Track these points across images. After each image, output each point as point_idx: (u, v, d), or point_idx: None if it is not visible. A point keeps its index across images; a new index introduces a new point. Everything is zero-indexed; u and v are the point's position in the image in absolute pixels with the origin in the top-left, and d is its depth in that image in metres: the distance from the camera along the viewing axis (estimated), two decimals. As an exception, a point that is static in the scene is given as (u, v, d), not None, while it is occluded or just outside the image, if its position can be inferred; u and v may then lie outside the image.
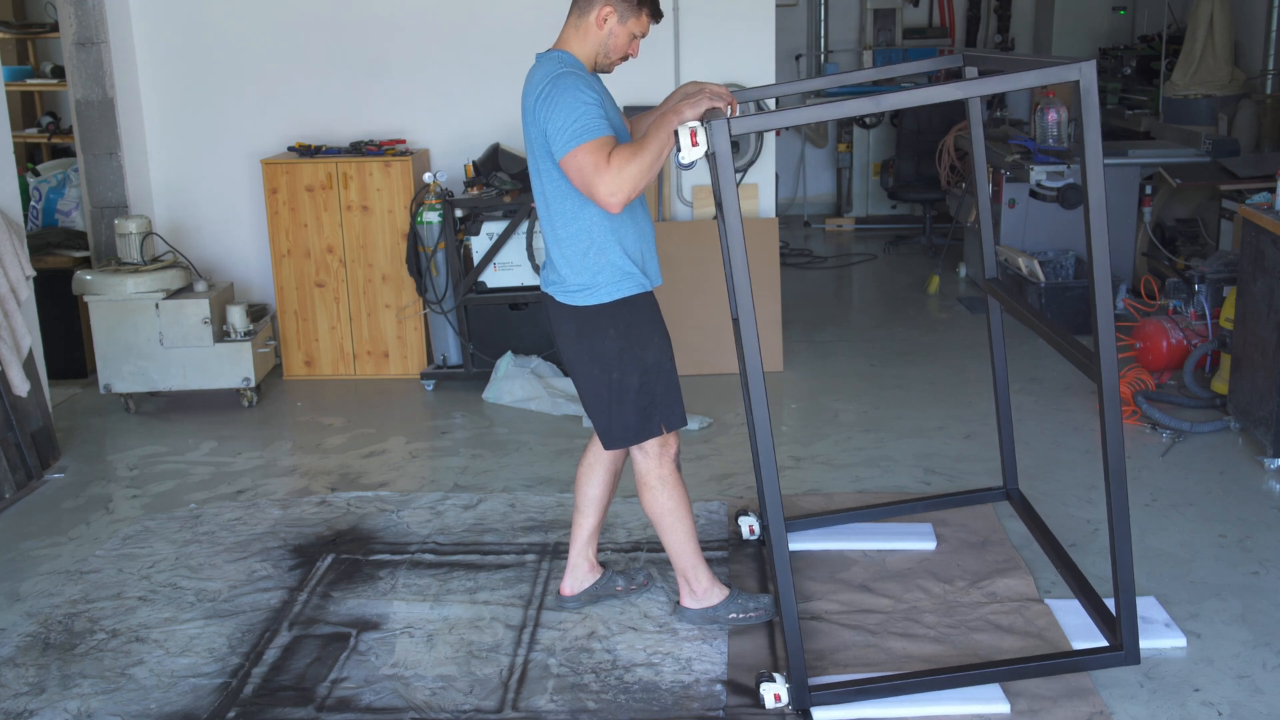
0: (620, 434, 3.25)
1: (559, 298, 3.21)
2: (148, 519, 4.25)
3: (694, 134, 2.76)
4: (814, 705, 2.91)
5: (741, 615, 3.38)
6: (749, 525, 3.90)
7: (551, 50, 3.21)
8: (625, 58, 3.24)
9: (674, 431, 3.30)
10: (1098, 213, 2.67)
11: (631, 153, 2.92)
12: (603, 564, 3.58)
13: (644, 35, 3.23)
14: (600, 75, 3.23)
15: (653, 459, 3.27)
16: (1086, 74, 2.56)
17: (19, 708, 3.04)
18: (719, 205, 2.92)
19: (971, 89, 2.76)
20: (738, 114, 3.03)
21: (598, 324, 3.17)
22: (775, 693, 2.93)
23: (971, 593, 3.51)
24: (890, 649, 3.21)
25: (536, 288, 5.57)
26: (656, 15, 3.23)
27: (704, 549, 3.83)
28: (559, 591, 3.53)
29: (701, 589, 3.38)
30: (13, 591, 3.71)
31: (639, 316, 3.19)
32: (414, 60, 6.06)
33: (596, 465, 3.44)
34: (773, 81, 6.09)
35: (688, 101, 2.95)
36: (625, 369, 3.18)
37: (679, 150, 2.77)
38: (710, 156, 2.81)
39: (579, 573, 3.50)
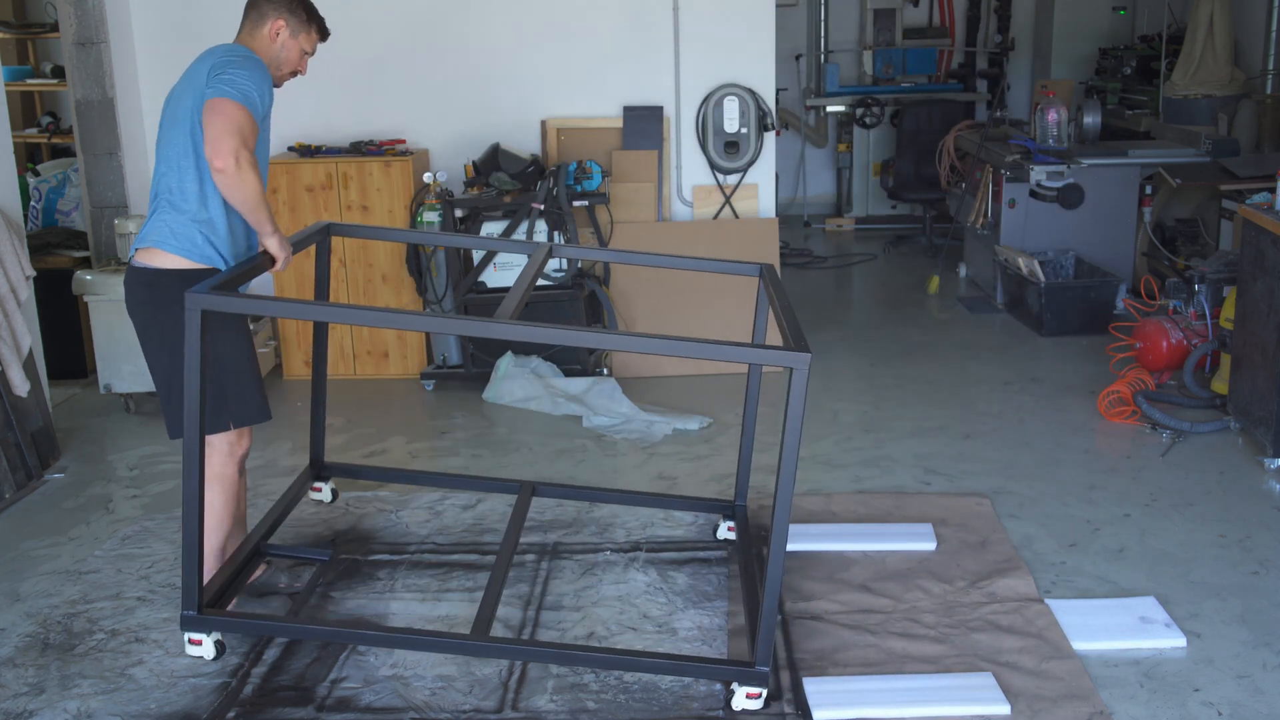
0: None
1: (142, 245, 3.20)
2: (147, 519, 4.25)
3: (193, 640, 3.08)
4: (773, 683, 2.93)
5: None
6: (727, 525, 3.91)
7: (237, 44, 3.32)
8: (294, 74, 3.38)
9: (248, 430, 3.33)
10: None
11: (258, 185, 3.09)
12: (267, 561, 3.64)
13: (312, 53, 3.39)
14: None
15: (218, 453, 3.28)
16: None
17: (19, 708, 3.04)
18: None
19: None
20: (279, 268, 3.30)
21: (172, 298, 3.10)
22: (747, 692, 2.93)
23: (971, 593, 3.51)
24: (890, 649, 3.20)
25: (537, 288, 5.58)
26: (324, 34, 3.40)
27: (703, 549, 3.85)
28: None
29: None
30: (12, 591, 3.71)
31: None
32: (414, 60, 6.06)
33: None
34: (772, 81, 6.09)
35: (283, 240, 3.24)
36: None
37: None
38: None
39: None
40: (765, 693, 2.93)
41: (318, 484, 3.98)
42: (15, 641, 3.38)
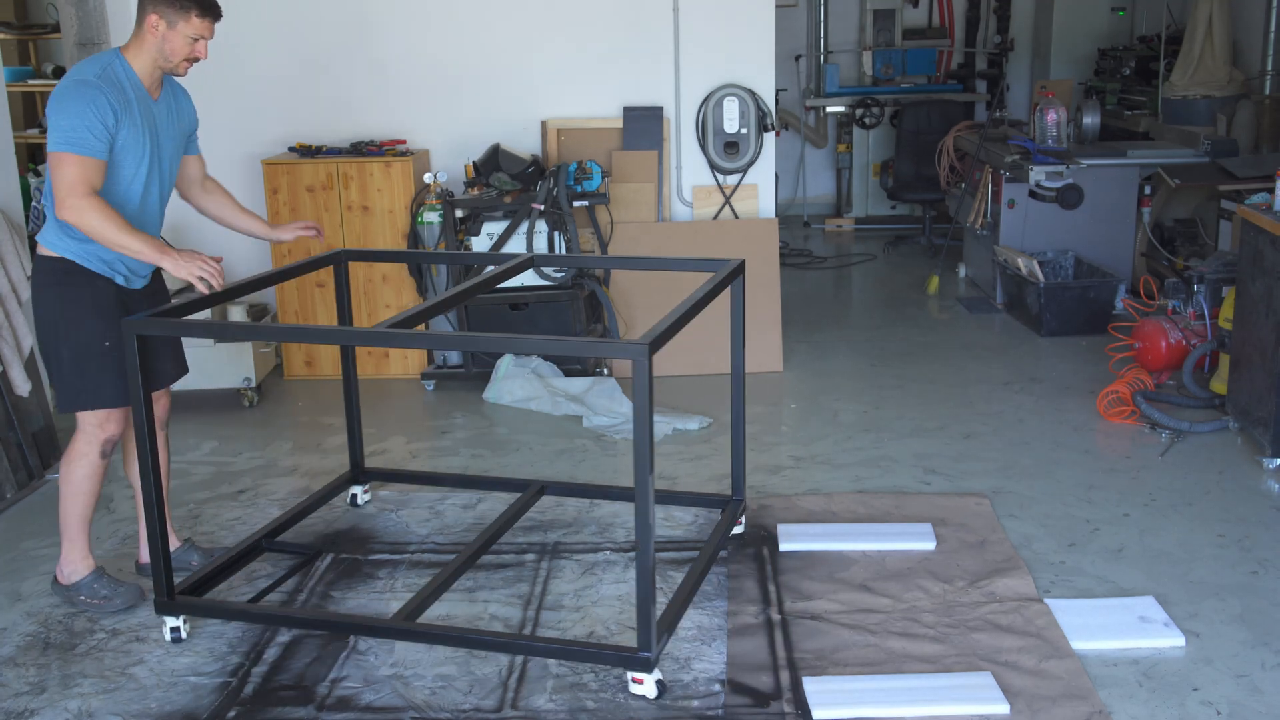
0: (62, 400, 3.42)
1: (40, 240, 3.38)
2: (148, 519, 4.25)
3: None
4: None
5: (88, 598, 3.54)
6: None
7: (108, 51, 3.36)
8: (194, 59, 3.38)
9: (115, 419, 3.44)
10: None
11: (111, 220, 3.15)
12: (186, 539, 3.87)
13: (207, 36, 3.38)
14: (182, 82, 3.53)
15: (84, 434, 3.43)
16: None
17: (19, 707, 3.05)
18: None
19: None
20: (219, 288, 3.33)
21: (46, 282, 3.36)
22: (632, 677, 2.98)
23: (971, 592, 3.52)
24: (890, 649, 3.21)
25: (537, 288, 5.59)
26: (209, 13, 3.36)
27: (703, 549, 3.85)
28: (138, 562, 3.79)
29: (69, 565, 3.55)
30: (14, 591, 3.72)
31: (85, 294, 3.35)
32: (414, 60, 6.07)
33: (129, 447, 3.60)
34: (772, 81, 6.10)
35: (179, 259, 3.24)
36: (60, 339, 3.36)
37: None
38: None
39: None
40: (651, 679, 2.97)
41: (355, 488, 4.21)
42: (16, 641, 3.39)
